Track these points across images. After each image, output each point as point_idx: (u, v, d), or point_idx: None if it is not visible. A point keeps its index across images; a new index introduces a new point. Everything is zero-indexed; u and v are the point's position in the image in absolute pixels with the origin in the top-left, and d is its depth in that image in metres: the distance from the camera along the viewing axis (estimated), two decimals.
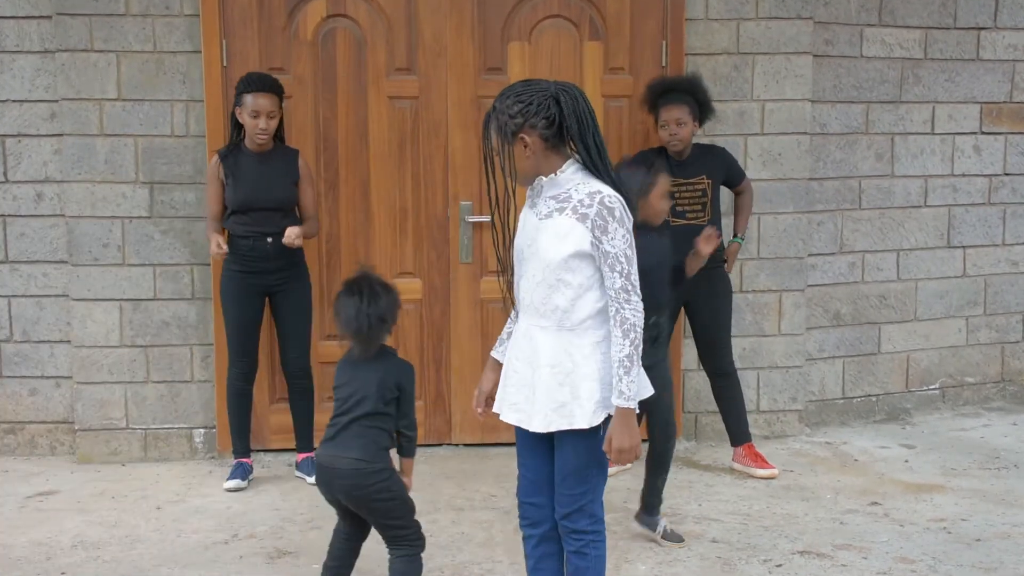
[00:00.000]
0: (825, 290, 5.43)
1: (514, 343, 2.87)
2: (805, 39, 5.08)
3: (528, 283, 2.78)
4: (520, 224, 2.84)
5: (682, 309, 4.74)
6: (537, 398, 2.76)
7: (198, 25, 4.76)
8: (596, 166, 2.74)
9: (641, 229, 3.45)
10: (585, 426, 2.74)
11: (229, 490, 4.48)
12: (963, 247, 5.74)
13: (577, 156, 2.76)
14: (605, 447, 2.73)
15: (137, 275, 4.86)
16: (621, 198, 2.72)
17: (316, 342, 4.92)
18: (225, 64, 4.79)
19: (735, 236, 4.73)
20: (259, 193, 4.45)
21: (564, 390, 2.74)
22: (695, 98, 4.56)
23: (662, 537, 3.89)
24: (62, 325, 4.93)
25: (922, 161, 5.58)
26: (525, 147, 2.71)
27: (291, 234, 4.40)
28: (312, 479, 4.57)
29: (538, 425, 2.77)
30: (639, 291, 2.71)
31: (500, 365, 2.95)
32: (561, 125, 2.71)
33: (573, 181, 2.74)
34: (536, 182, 2.77)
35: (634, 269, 2.70)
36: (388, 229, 4.99)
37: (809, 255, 5.29)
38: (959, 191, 5.69)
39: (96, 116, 4.77)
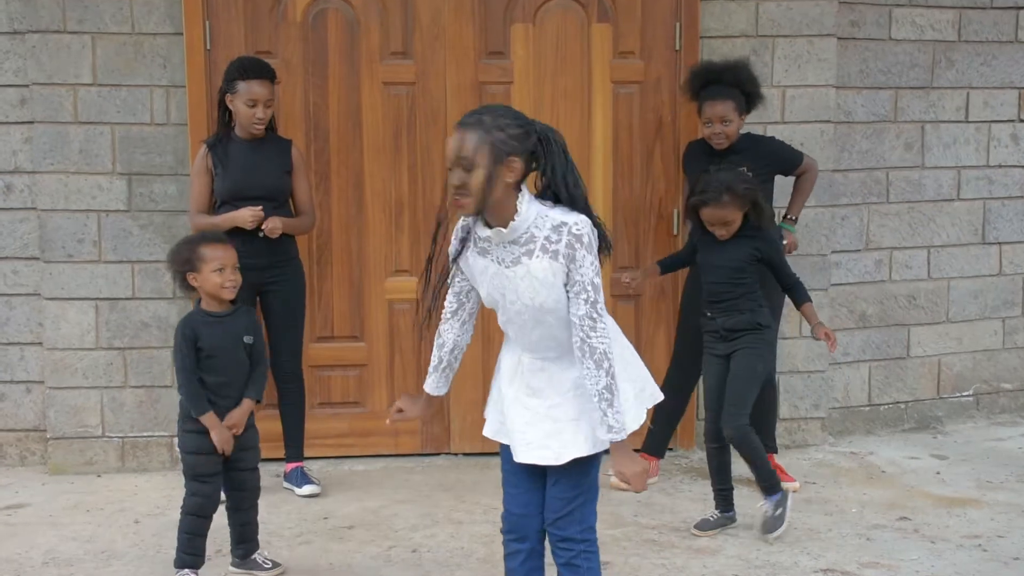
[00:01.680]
0: (850, 289, 5.40)
1: (519, 379, 2.90)
2: (829, 20, 5.06)
3: (518, 327, 2.85)
4: (469, 269, 2.88)
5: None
6: (563, 427, 2.83)
7: (179, 5, 4.74)
8: (565, 200, 2.74)
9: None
10: (585, 451, 2.84)
11: None
12: (999, 243, 5.71)
13: (530, 193, 2.76)
14: (618, 479, 2.83)
15: (114, 272, 4.84)
16: (590, 222, 2.74)
17: (307, 344, 4.91)
18: (208, 47, 4.78)
19: (784, 221, 4.69)
20: (249, 181, 4.44)
21: (584, 413, 2.82)
22: (741, 90, 4.55)
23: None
24: (33, 326, 4.92)
25: (955, 151, 5.56)
26: (509, 172, 2.69)
27: (271, 221, 4.38)
28: (302, 490, 4.56)
29: (569, 456, 2.82)
30: (606, 317, 2.79)
31: (432, 399, 3.11)
32: (536, 165, 2.73)
33: (529, 218, 2.72)
34: (486, 231, 2.77)
35: (600, 297, 2.76)
36: (383, 224, 4.98)
37: (832, 252, 5.26)
38: (995, 183, 5.67)
39: (70, 102, 4.76)
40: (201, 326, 3.57)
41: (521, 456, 2.86)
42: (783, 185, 4.75)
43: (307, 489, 4.57)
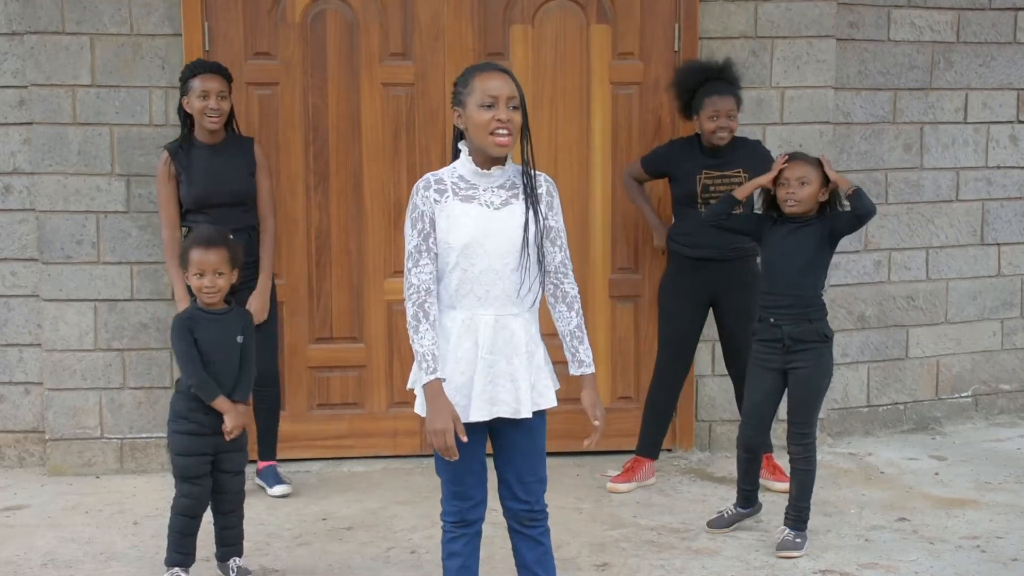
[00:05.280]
0: (849, 290, 5.41)
1: (480, 338, 2.91)
2: (828, 21, 5.07)
3: (492, 275, 2.90)
4: (447, 219, 2.91)
5: (709, 310, 4.72)
6: (520, 385, 2.92)
7: (178, 6, 4.75)
8: (527, 155, 2.97)
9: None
10: (556, 403, 3.00)
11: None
12: (997, 244, 5.72)
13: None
14: (592, 415, 3.00)
15: (113, 274, 4.85)
16: None
17: (306, 346, 4.93)
18: (207, 48, 4.79)
19: None
20: (215, 187, 4.43)
21: (537, 370, 2.96)
22: (737, 87, 4.61)
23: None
24: (32, 327, 4.93)
25: (954, 152, 5.57)
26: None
27: (255, 309, 4.43)
28: (273, 490, 4.55)
29: (525, 411, 2.93)
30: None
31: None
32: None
33: (515, 165, 2.98)
34: (485, 171, 2.94)
35: (566, 244, 3.02)
36: (382, 225, 4.98)
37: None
38: (994, 184, 5.68)
39: (68, 103, 4.76)
40: (197, 321, 3.59)
41: (481, 413, 2.89)
42: None
43: (279, 489, 4.56)
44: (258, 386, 4.56)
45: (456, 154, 2.99)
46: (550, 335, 3.04)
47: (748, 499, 4.18)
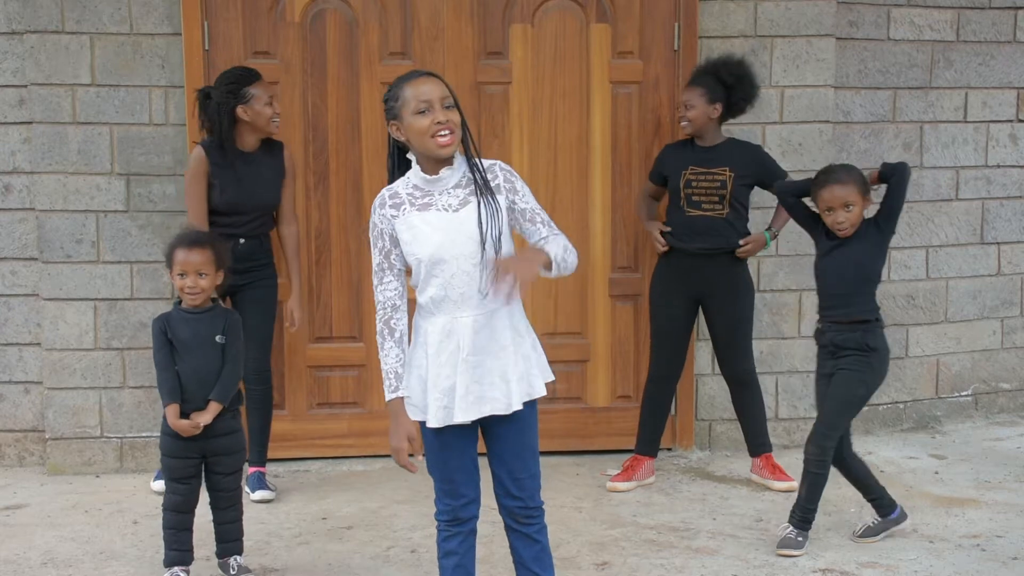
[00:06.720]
0: None
1: (462, 341, 2.89)
2: (828, 20, 5.06)
3: (463, 276, 2.87)
4: (411, 230, 2.89)
5: (699, 308, 4.71)
6: (510, 379, 2.91)
7: (178, 5, 4.75)
8: (471, 150, 2.95)
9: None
10: (543, 391, 2.98)
11: None
12: (997, 243, 5.72)
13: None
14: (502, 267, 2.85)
15: (113, 273, 4.84)
16: None
17: (306, 345, 4.92)
18: (207, 47, 4.78)
19: (767, 229, 4.66)
20: (246, 198, 4.45)
21: (524, 361, 2.95)
22: (717, 78, 4.55)
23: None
24: (32, 327, 4.92)
25: (953, 151, 5.56)
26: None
27: (296, 318, 4.62)
28: (254, 495, 4.52)
29: (517, 405, 2.92)
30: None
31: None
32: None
33: (462, 166, 2.94)
34: (434, 175, 2.91)
35: (547, 217, 2.99)
36: None
37: None
38: (993, 183, 5.67)
39: (68, 103, 4.76)
40: (173, 320, 3.60)
41: (468, 414, 2.89)
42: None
43: (258, 494, 4.52)
44: (249, 384, 4.57)
45: (396, 170, 2.99)
46: (546, 335, 3.04)
47: (882, 507, 4.09)
